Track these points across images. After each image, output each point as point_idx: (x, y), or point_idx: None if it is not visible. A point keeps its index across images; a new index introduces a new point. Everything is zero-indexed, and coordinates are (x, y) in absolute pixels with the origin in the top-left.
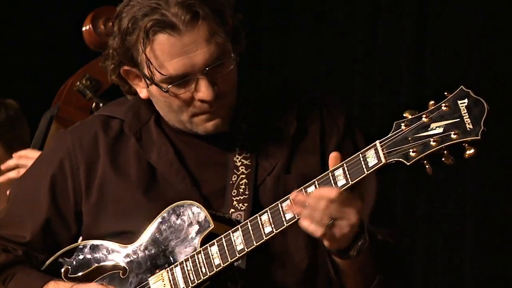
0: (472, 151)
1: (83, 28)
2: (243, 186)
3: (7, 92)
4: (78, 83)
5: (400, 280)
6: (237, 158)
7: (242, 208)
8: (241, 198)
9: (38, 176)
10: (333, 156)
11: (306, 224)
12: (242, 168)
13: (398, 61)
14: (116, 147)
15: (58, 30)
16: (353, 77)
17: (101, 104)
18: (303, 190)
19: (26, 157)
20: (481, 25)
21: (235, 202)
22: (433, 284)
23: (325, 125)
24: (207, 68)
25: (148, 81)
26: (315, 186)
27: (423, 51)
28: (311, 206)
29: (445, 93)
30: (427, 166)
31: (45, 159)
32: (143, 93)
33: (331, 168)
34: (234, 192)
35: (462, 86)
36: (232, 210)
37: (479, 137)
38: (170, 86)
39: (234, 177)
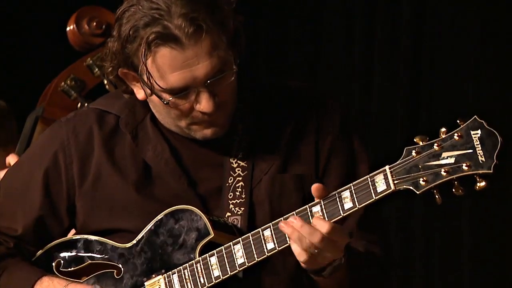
0: (483, 183)
1: (67, 28)
2: (239, 189)
3: None
4: (63, 83)
5: None
6: (234, 159)
7: (238, 212)
8: (238, 201)
9: (31, 169)
10: (315, 188)
11: (294, 247)
12: (238, 170)
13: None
14: (111, 143)
15: (42, 30)
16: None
17: (86, 104)
18: (308, 209)
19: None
20: (479, 41)
21: (231, 206)
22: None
23: (321, 125)
24: (208, 81)
25: (147, 90)
26: (321, 206)
27: (421, 63)
28: (303, 233)
29: (458, 121)
30: (437, 196)
31: (38, 151)
32: (140, 94)
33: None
34: (230, 195)
35: (475, 116)
36: (229, 213)
37: (491, 171)
38: (170, 98)
39: (231, 179)
